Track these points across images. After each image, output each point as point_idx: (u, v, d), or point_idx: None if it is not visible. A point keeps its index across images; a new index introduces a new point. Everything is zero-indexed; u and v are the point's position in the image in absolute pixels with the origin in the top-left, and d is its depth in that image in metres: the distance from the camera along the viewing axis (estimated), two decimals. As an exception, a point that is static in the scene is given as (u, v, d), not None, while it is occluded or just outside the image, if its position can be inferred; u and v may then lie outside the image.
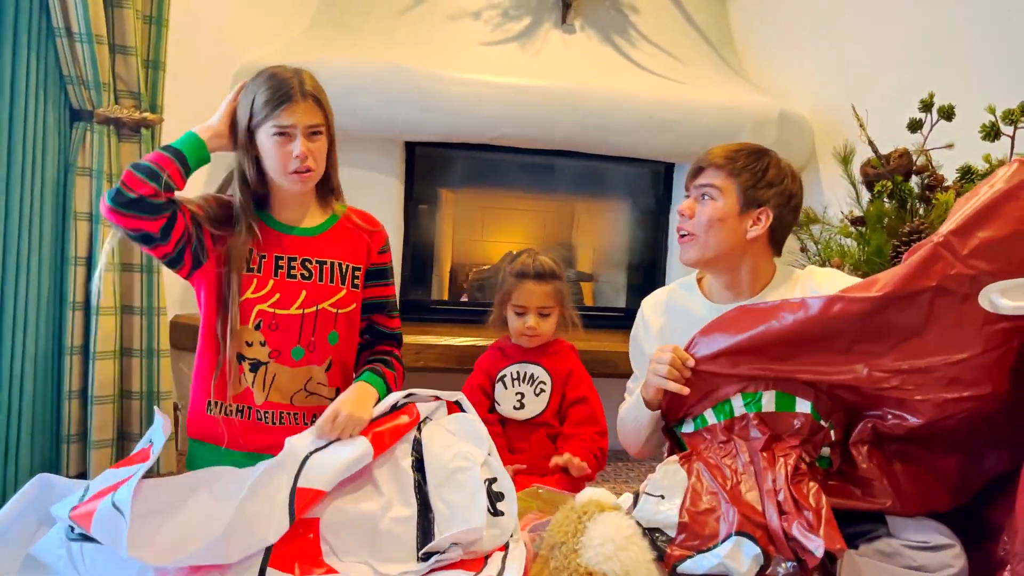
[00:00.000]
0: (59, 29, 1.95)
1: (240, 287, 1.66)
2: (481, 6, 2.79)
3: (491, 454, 1.62)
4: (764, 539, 1.43)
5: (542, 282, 2.03)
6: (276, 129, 1.62)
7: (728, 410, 1.62)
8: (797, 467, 1.52)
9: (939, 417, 1.50)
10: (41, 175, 1.99)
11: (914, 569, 1.47)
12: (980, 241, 1.42)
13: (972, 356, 1.46)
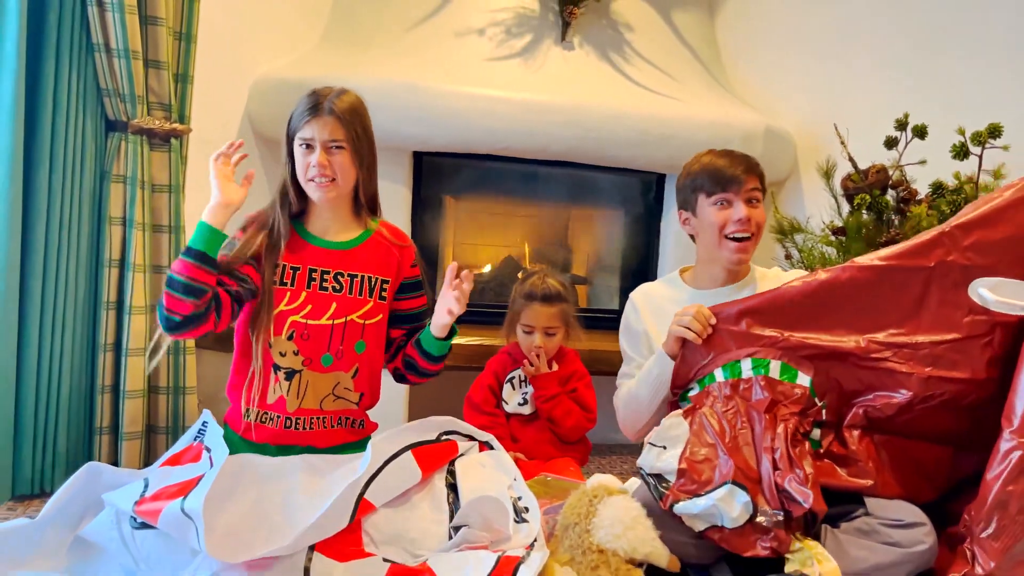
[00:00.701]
0: (98, 45, 2.08)
1: (273, 302, 1.77)
2: (485, 23, 2.94)
3: (516, 480, 1.75)
4: (755, 491, 1.60)
5: (549, 304, 2.23)
6: (300, 140, 1.75)
7: (737, 371, 1.79)
8: (795, 432, 1.70)
9: (923, 394, 1.69)
10: (79, 182, 2.12)
11: (890, 544, 1.65)
12: (979, 237, 1.65)
13: (956, 340, 1.66)
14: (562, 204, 3.33)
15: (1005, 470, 1.58)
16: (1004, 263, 1.66)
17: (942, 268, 1.68)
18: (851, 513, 1.72)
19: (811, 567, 1.55)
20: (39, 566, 1.60)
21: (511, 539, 1.60)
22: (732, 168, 1.94)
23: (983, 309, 1.65)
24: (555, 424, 2.24)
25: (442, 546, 1.58)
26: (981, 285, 1.65)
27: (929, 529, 1.67)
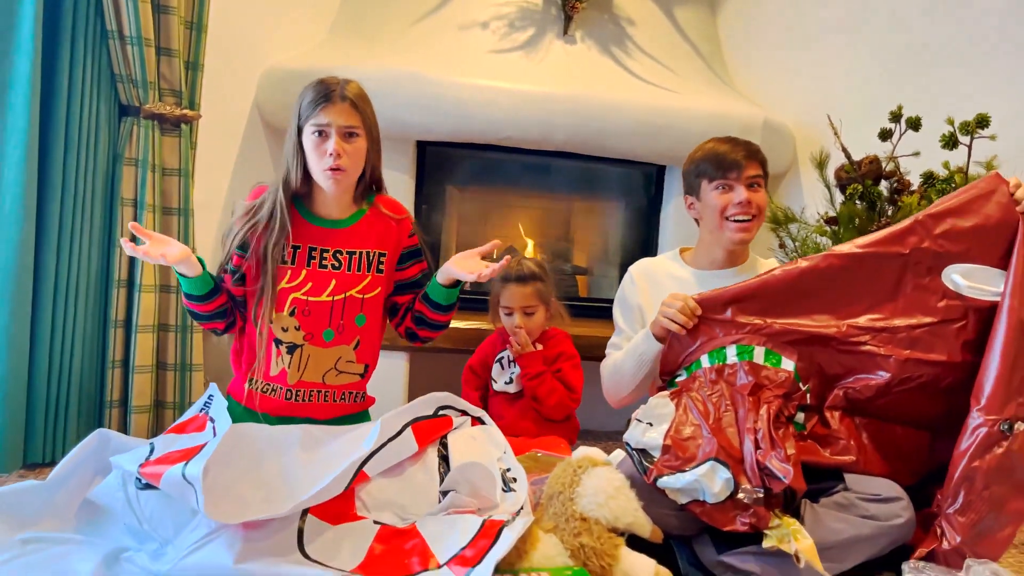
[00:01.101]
0: (112, 32, 2.16)
1: (276, 279, 1.84)
2: (489, 17, 3.01)
3: (506, 452, 1.82)
4: (736, 469, 1.65)
5: (523, 284, 2.32)
6: (314, 128, 1.79)
7: (722, 357, 1.85)
8: (779, 414, 1.75)
9: (901, 376, 1.75)
10: (93, 164, 2.20)
11: (866, 518, 1.70)
12: (950, 226, 1.74)
13: (931, 324, 1.74)
14: (565, 195, 3.39)
15: (972, 446, 1.65)
16: (975, 250, 1.73)
17: (916, 254, 1.75)
18: (831, 488, 1.78)
19: (788, 543, 1.60)
20: (48, 527, 1.67)
21: (498, 507, 1.66)
22: (733, 153, 2.01)
23: (956, 294, 1.73)
24: (539, 402, 2.31)
25: (431, 510, 1.65)
26: (954, 271, 1.73)
27: (906, 504, 1.72)
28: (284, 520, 1.53)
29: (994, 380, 1.65)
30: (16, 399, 2.08)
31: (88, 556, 1.56)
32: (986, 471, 1.64)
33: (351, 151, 1.80)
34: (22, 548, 1.58)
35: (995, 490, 1.63)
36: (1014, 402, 1.65)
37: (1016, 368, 1.65)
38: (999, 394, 1.64)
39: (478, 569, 1.44)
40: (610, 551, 1.61)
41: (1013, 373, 1.64)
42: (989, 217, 1.73)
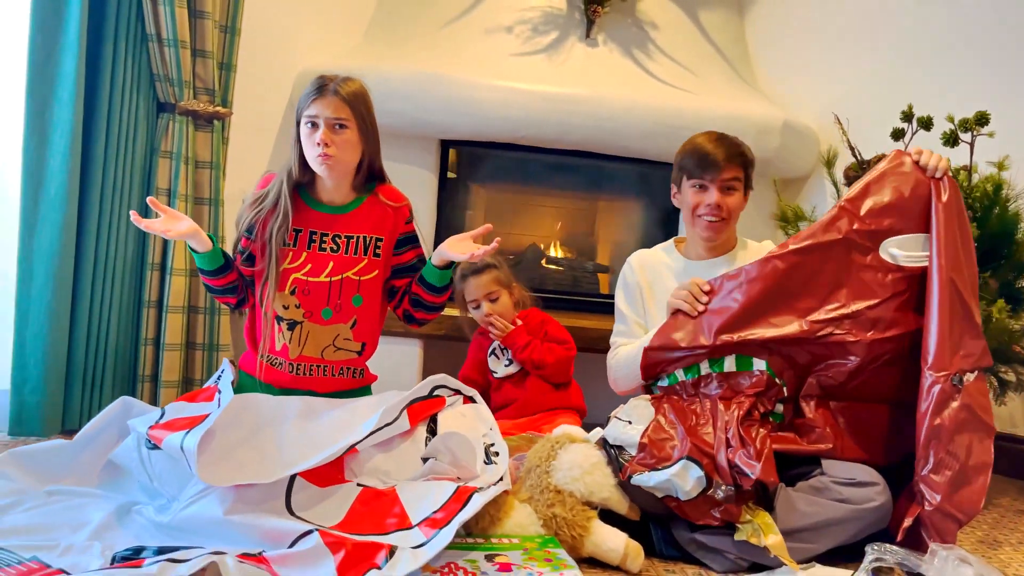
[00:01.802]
0: (151, 35, 2.35)
1: (279, 260, 1.97)
2: (513, 21, 3.12)
3: (492, 429, 1.92)
4: (710, 467, 1.71)
5: (479, 274, 2.44)
6: (306, 119, 1.92)
7: (696, 371, 1.92)
8: (750, 413, 1.82)
9: (870, 356, 1.81)
10: (131, 156, 2.39)
11: (840, 501, 1.74)
12: (872, 205, 1.83)
13: (883, 300, 1.81)
14: (590, 194, 3.48)
15: (930, 404, 1.71)
16: (901, 221, 1.82)
17: (850, 236, 1.83)
18: (809, 473, 1.82)
19: (758, 538, 1.66)
20: (72, 482, 1.83)
21: (479, 477, 1.75)
22: (715, 154, 2.04)
23: (897, 267, 1.81)
24: (540, 367, 2.40)
25: (412, 476, 1.75)
26: (890, 245, 1.82)
27: (882, 488, 1.75)
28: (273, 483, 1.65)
29: (936, 338, 1.72)
30: (56, 370, 2.27)
31: (102, 507, 1.71)
32: (948, 426, 1.69)
33: (339, 141, 1.91)
34: (47, 498, 1.74)
35: (960, 442, 1.69)
36: (958, 355, 1.72)
37: (954, 323, 1.73)
38: (943, 350, 1.71)
39: (445, 530, 1.53)
40: (582, 523, 1.70)
41: (952, 328, 1.72)
42: (904, 188, 1.83)
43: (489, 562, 1.53)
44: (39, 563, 1.43)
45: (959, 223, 1.82)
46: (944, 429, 1.70)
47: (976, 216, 2.28)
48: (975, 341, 1.76)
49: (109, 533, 1.60)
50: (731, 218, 2.08)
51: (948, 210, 1.80)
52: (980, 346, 1.77)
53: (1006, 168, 2.39)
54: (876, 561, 1.58)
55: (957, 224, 1.81)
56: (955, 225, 1.80)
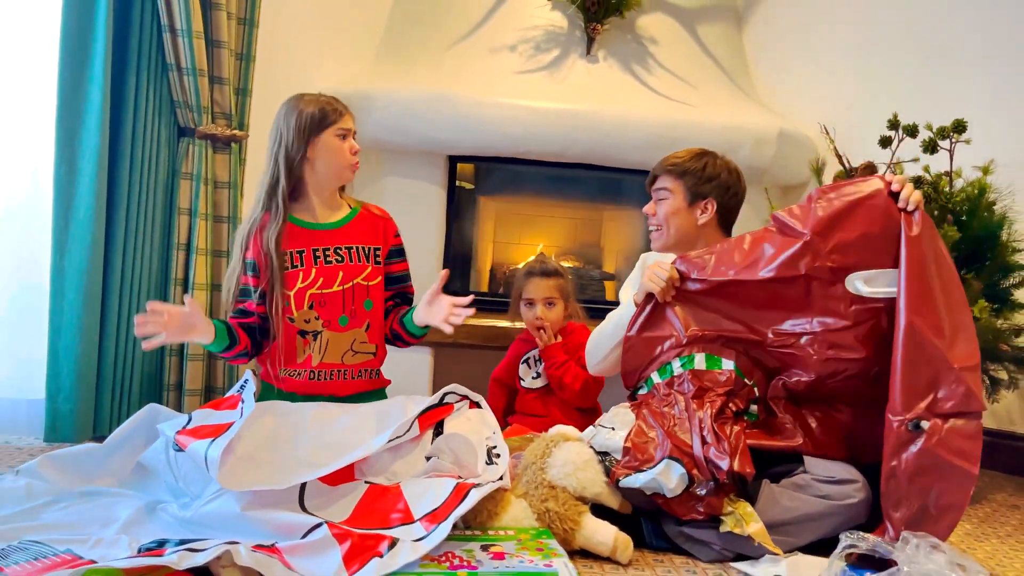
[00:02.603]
0: (171, 65, 2.51)
1: (283, 269, 2.10)
2: (516, 40, 3.25)
3: (495, 432, 2.03)
4: (690, 465, 1.81)
5: (547, 277, 2.53)
6: (340, 131, 2.12)
7: (669, 371, 2.02)
8: (722, 410, 1.91)
9: (825, 373, 1.88)
10: (154, 178, 2.55)
11: (820, 497, 1.83)
12: (838, 240, 1.82)
13: (845, 327, 1.84)
14: (594, 204, 3.59)
15: (890, 446, 1.73)
16: (868, 257, 1.80)
17: (814, 273, 1.84)
18: (792, 471, 1.91)
19: (741, 527, 1.75)
20: (103, 483, 1.96)
21: (480, 476, 1.87)
22: (656, 166, 2.20)
23: (862, 299, 1.81)
24: (564, 389, 2.49)
25: (416, 474, 1.88)
26: (856, 278, 1.81)
27: (861, 486, 1.83)
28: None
29: (899, 384, 1.71)
30: (87, 380, 2.42)
31: (130, 505, 1.84)
32: (905, 468, 1.71)
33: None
34: (80, 498, 1.87)
35: (923, 485, 1.69)
36: (921, 402, 1.70)
37: (914, 370, 1.71)
38: (902, 396, 1.71)
39: (442, 525, 1.65)
40: (574, 516, 1.80)
41: (912, 375, 1.70)
42: (874, 222, 1.78)
43: (484, 551, 1.64)
44: (72, 554, 1.56)
45: (934, 259, 1.75)
46: (900, 471, 1.71)
47: (959, 219, 2.36)
48: (955, 386, 1.69)
49: (136, 528, 1.72)
50: (664, 226, 2.18)
51: (916, 246, 1.73)
52: (962, 392, 1.69)
53: (991, 172, 2.47)
54: (849, 547, 1.66)
55: (931, 261, 1.75)
56: (927, 263, 1.74)
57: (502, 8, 3.31)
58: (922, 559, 1.62)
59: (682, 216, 2.17)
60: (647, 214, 2.20)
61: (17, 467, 1.91)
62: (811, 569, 1.73)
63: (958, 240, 2.29)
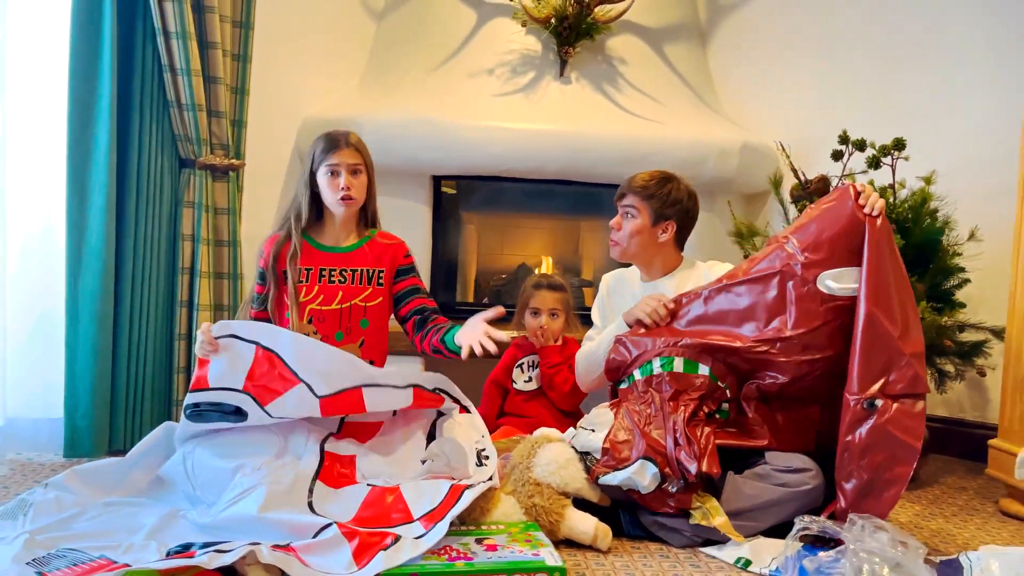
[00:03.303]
0: (172, 102, 2.68)
1: (298, 296, 2.29)
2: (494, 64, 3.44)
3: (484, 436, 2.22)
4: (663, 464, 2.01)
5: (554, 290, 2.73)
6: (328, 168, 2.28)
7: (649, 369, 2.21)
8: (695, 413, 2.10)
9: (798, 375, 2.08)
10: (159, 208, 2.72)
11: (779, 485, 2.03)
12: (810, 240, 2.04)
13: (818, 327, 2.04)
14: (573, 217, 3.79)
15: (846, 423, 1.95)
16: (837, 255, 2.01)
17: (788, 270, 2.06)
18: (755, 462, 2.12)
19: (708, 520, 1.96)
20: (125, 494, 2.13)
21: (471, 477, 2.06)
22: (625, 183, 2.42)
23: (832, 297, 2.02)
24: (553, 389, 2.68)
25: (413, 475, 2.07)
26: (826, 277, 2.01)
27: (815, 473, 2.04)
28: (296, 484, 1.96)
29: (856, 367, 1.94)
30: (102, 398, 2.60)
31: (153, 513, 2.01)
32: (858, 444, 1.93)
33: (357, 184, 2.29)
34: (104, 508, 2.03)
35: (872, 459, 1.92)
36: (876, 384, 1.93)
37: (872, 354, 1.94)
38: (859, 378, 1.94)
39: (440, 524, 1.84)
40: (557, 510, 2.00)
41: (869, 359, 1.93)
42: (842, 224, 1.99)
43: (479, 544, 1.82)
44: (107, 559, 1.73)
45: (891, 259, 1.96)
46: (854, 446, 1.93)
47: (903, 227, 2.58)
48: (904, 370, 1.91)
49: (161, 534, 1.89)
50: (625, 242, 2.41)
51: (878, 247, 1.94)
52: (911, 375, 1.91)
53: (932, 182, 2.69)
54: (803, 530, 1.87)
55: (888, 260, 1.95)
56: (885, 262, 1.95)
57: (480, 33, 3.50)
58: (867, 538, 1.82)
59: (645, 234, 2.39)
60: (612, 227, 2.42)
61: (46, 481, 2.07)
62: (771, 550, 1.94)
63: (903, 247, 2.50)
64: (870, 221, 1.97)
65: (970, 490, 2.66)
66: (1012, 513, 2.37)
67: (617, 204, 2.43)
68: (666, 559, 1.94)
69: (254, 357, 2.11)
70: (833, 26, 3.50)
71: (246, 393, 2.05)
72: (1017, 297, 2.47)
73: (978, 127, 3.04)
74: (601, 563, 1.89)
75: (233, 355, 2.09)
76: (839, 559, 1.80)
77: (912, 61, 3.25)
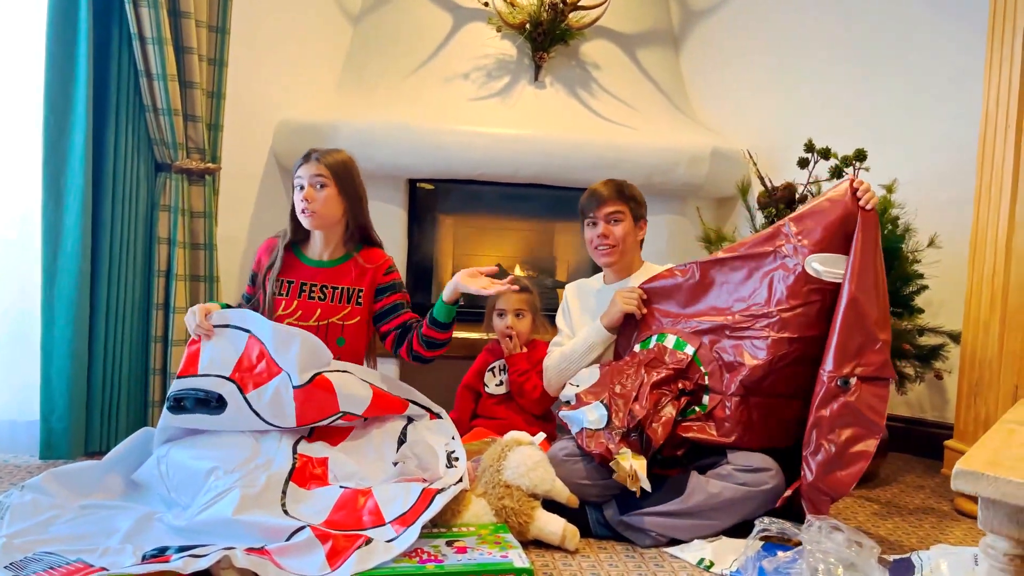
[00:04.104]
0: (148, 106, 2.70)
1: (273, 307, 2.34)
2: (470, 68, 3.48)
3: (454, 438, 2.28)
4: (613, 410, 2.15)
5: (518, 292, 2.76)
6: (296, 181, 2.32)
7: (647, 343, 2.36)
8: (667, 382, 2.22)
9: (780, 353, 2.16)
10: (135, 211, 2.74)
11: (740, 484, 2.11)
12: (805, 226, 2.16)
13: (797, 306, 2.15)
14: (548, 220, 3.84)
15: (818, 399, 2.07)
16: (827, 241, 2.13)
17: (781, 251, 2.19)
18: (718, 463, 2.19)
19: (627, 461, 2.04)
20: (101, 497, 2.16)
21: (442, 479, 2.11)
22: (600, 193, 2.49)
23: (818, 280, 2.13)
24: (523, 396, 2.73)
25: (384, 478, 2.12)
26: (814, 260, 2.13)
27: (774, 473, 2.12)
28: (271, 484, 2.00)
29: (834, 346, 2.06)
30: (79, 400, 2.62)
31: (128, 516, 2.04)
32: (829, 418, 2.04)
33: (320, 197, 2.30)
34: (81, 511, 2.06)
35: (839, 434, 2.03)
36: (850, 364, 2.05)
37: (851, 336, 2.06)
38: (837, 357, 2.06)
39: (411, 528, 1.88)
40: (527, 511, 2.06)
41: (848, 340, 2.06)
42: (837, 213, 2.11)
43: (449, 547, 1.88)
44: (83, 563, 1.76)
45: (875, 253, 2.09)
46: (825, 420, 2.04)
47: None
48: (876, 355, 2.05)
49: (137, 537, 1.92)
50: (621, 244, 2.50)
51: (868, 239, 2.07)
52: (881, 360, 2.05)
53: (894, 191, 2.77)
54: (762, 531, 1.94)
55: (873, 253, 2.08)
56: (872, 254, 2.07)
57: (455, 38, 3.54)
58: (824, 539, 1.90)
59: (631, 236, 2.52)
60: (600, 236, 2.48)
61: (22, 483, 2.09)
62: (733, 551, 2.01)
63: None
64: (863, 214, 2.08)
65: (927, 488, 2.75)
66: (966, 512, 2.46)
67: (596, 214, 2.50)
68: (631, 559, 2.00)
69: (245, 345, 2.19)
70: (803, 36, 3.57)
71: (232, 381, 2.10)
72: (972, 303, 2.56)
73: (939, 138, 3.13)
74: (568, 563, 1.95)
75: (225, 342, 2.17)
76: (796, 559, 1.88)
77: (878, 73, 3.34)
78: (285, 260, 2.37)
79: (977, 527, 2.27)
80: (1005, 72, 2.44)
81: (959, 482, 1.19)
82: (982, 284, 2.52)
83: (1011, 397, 2.38)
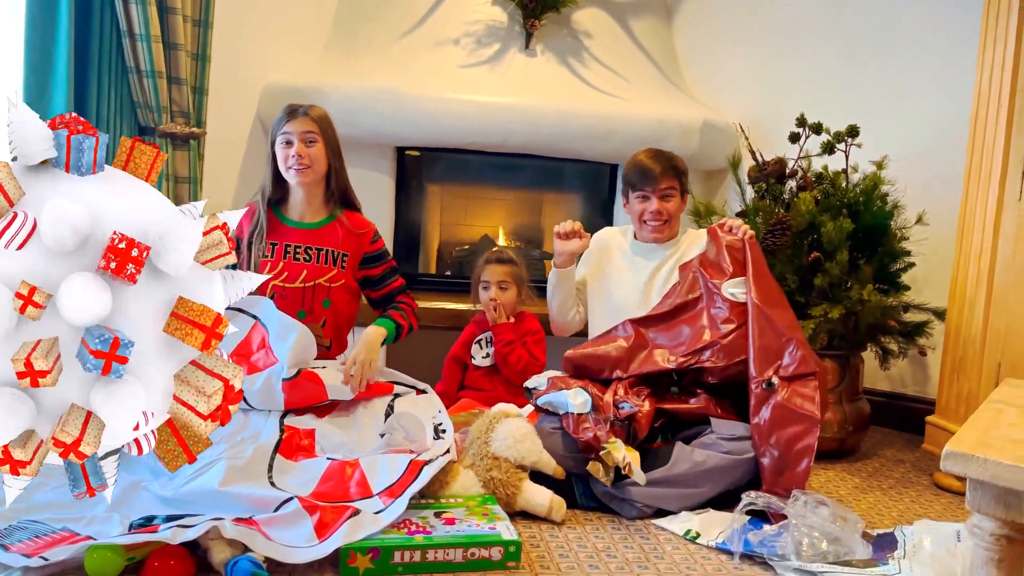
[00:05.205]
0: (131, 68, 2.64)
1: (259, 270, 2.31)
2: (459, 34, 3.42)
3: (440, 411, 2.29)
4: (597, 399, 2.21)
5: (502, 264, 2.77)
6: (282, 137, 2.28)
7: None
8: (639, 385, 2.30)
9: (723, 377, 2.27)
10: (118, 176, 2.69)
11: (724, 453, 2.15)
12: (710, 265, 2.36)
13: (731, 331, 2.26)
14: (535, 190, 3.82)
15: (751, 407, 2.16)
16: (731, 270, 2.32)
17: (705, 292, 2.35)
18: (702, 432, 2.22)
19: (619, 450, 2.07)
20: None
21: (429, 450, 2.11)
22: (653, 170, 2.50)
23: (736, 303, 2.28)
24: (508, 367, 2.74)
25: (372, 449, 2.11)
26: (728, 287, 2.30)
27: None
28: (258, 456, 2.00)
29: (752, 354, 2.19)
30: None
31: (115, 484, 2.03)
32: (766, 424, 2.12)
33: (312, 153, 2.28)
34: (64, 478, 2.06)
35: (779, 436, 2.10)
36: (771, 366, 2.17)
37: (764, 341, 2.20)
38: (758, 363, 2.18)
39: (399, 500, 1.89)
40: (514, 483, 2.07)
41: (762, 346, 2.19)
42: (728, 250, 2.34)
43: (437, 518, 1.89)
44: (69, 531, 1.75)
45: (766, 268, 2.34)
46: (763, 427, 2.13)
47: (854, 212, 2.66)
48: (793, 354, 2.18)
49: (123, 506, 1.90)
50: (672, 219, 2.55)
51: (757, 259, 2.31)
52: (799, 356, 2.17)
53: (884, 167, 2.77)
54: (749, 505, 1.97)
55: (765, 268, 2.33)
56: (764, 269, 2.32)
57: (445, 2, 3.47)
58: (809, 513, 1.94)
59: (680, 209, 2.58)
60: (658, 211, 2.52)
61: (5, 453, 2.07)
62: (719, 524, 2.04)
63: (853, 230, 2.59)
64: (748, 241, 2.33)
65: (907, 463, 2.79)
66: (945, 486, 2.50)
67: (648, 190, 2.52)
68: (617, 531, 2.02)
69: (248, 332, 2.20)
70: (795, 12, 3.54)
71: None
72: (959, 281, 2.58)
73: (929, 116, 3.12)
74: (555, 535, 1.97)
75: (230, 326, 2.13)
76: (781, 532, 1.91)
77: (869, 50, 3.32)
78: (267, 221, 2.34)
79: (957, 502, 2.34)
80: (999, 50, 2.43)
81: (949, 463, 1.20)
82: (969, 262, 2.53)
83: (994, 375, 2.41)
